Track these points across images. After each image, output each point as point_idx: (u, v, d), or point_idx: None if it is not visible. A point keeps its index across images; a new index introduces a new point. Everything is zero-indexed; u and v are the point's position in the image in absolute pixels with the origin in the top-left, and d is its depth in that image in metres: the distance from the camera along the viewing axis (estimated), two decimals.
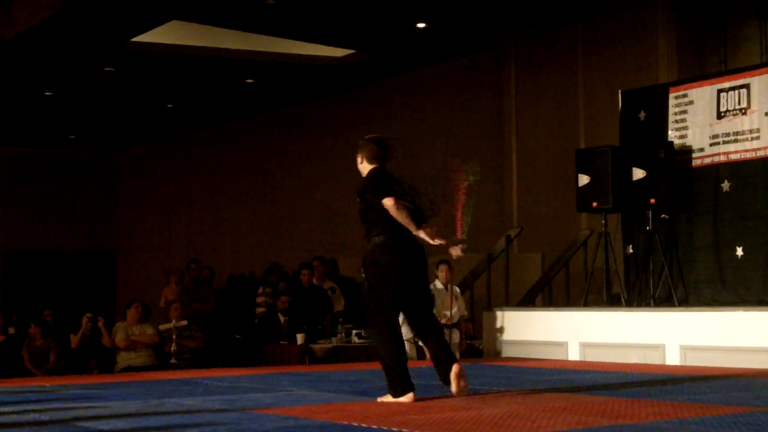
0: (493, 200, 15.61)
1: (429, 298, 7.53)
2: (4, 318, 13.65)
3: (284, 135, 20.84)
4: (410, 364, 9.24)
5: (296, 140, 20.48)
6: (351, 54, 16.59)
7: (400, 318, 7.51)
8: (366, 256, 7.39)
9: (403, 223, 7.07)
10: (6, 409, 7.09)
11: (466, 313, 12.24)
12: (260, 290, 14.71)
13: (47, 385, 9.42)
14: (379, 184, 7.21)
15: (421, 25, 14.83)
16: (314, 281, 13.44)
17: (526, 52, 15.57)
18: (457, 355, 11.80)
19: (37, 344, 12.29)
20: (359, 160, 7.43)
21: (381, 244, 7.16)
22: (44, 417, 6.55)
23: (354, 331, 12.47)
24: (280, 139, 20.92)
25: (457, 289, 12.09)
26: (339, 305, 13.83)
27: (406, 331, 11.64)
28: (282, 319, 13.17)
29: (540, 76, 15.39)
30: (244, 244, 21.36)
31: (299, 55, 16.62)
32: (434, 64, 17.03)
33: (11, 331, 13.42)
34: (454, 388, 7.19)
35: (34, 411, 6.89)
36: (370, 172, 7.33)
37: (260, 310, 14.24)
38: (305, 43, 16.10)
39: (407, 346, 11.76)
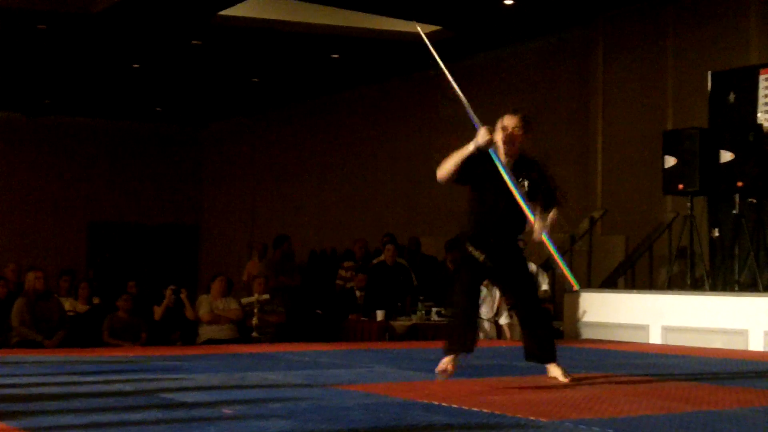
0: (577, 182, 15.47)
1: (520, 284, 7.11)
2: (90, 288, 13.85)
3: (368, 112, 20.84)
4: (489, 344, 9.15)
5: (380, 117, 20.47)
6: (436, 31, 16.51)
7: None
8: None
9: None
10: (90, 378, 7.23)
11: (548, 289, 12.14)
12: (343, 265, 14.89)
13: (131, 355, 9.56)
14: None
15: (508, 2, 14.70)
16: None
17: (615, 32, 15.37)
18: None
19: (122, 317, 12.26)
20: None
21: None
22: (128, 387, 6.66)
23: (434, 309, 12.48)
24: (363, 115, 20.93)
25: (534, 266, 11.89)
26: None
27: (486, 311, 11.70)
28: (358, 294, 13.25)
29: (628, 56, 15.18)
30: (326, 220, 21.46)
31: (385, 31, 16.59)
32: (519, 43, 16.89)
33: (96, 301, 13.60)
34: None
35: (118, 381, 7.01)
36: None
37: (339, 283, 14.47)
38: (391, 19, 16.05)
39: (487, 325, 11.80)
